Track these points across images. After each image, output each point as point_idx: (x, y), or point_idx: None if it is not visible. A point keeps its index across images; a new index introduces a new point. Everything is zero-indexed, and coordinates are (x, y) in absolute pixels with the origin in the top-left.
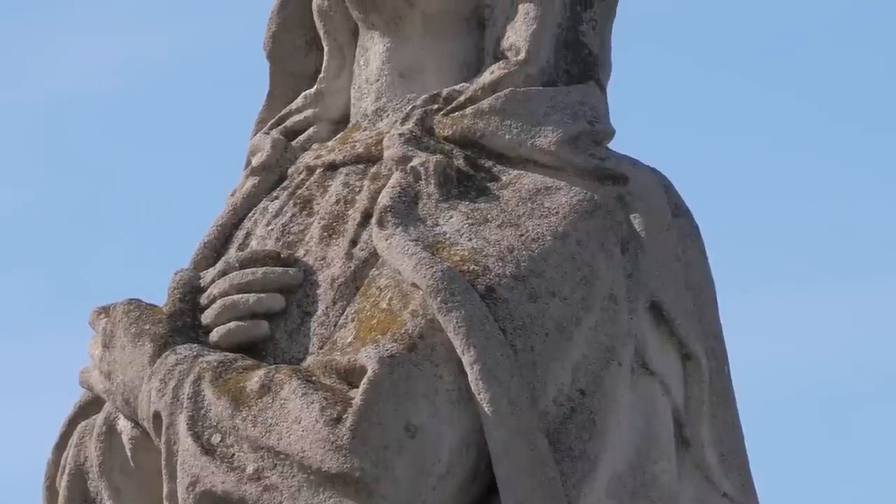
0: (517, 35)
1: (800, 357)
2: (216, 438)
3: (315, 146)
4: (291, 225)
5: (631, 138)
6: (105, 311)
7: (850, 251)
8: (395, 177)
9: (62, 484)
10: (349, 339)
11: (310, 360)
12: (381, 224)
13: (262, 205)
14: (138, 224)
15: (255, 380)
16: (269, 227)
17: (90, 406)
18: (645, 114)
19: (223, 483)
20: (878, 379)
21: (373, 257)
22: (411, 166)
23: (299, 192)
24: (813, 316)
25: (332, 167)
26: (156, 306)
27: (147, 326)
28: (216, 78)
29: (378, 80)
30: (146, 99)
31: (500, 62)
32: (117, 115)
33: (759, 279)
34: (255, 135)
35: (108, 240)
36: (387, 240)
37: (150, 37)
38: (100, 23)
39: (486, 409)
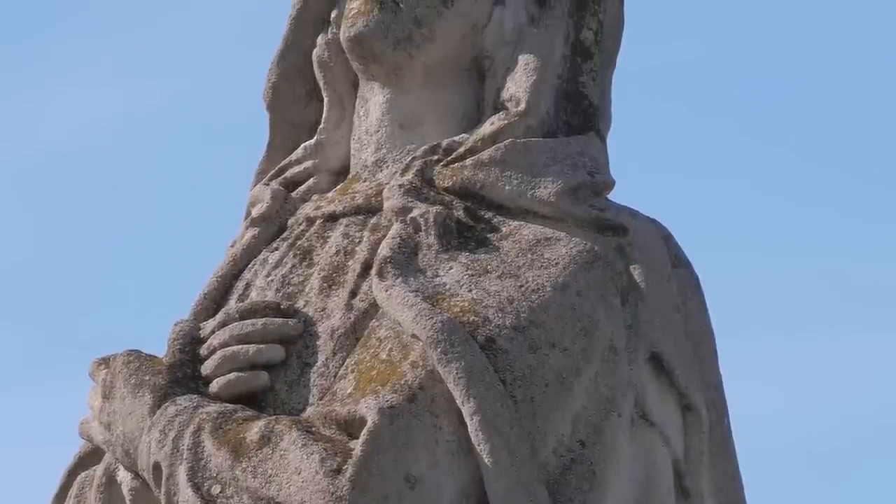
0: (517, 86)
1: (798, 407)
2: (216, 489)
3: (315, 197)
4: (291, 276)
5: (631, 189)
6: (105, 362)
7: (848, 302)
8: (395, 228)
9: None
10: (349, 390)
11: (310, 410)
12: (380, 275)
13: (261, 256)
14: (137, 275)
15: (254, 431)
16: (269, 278)
17: (90, 457)
18: (645, 165)
19: None
20: (876, 429)
21: (373, 308)
22: (411, 217)
23: (299, 243)
24: (811, 366)
25: (332, 218)
26: (155, 357)
27: (147, 377)
28: (208, 129)
29: (378, 131)
30: (138, 151)
31: (500, 113)
32: (110, 167)
33: (759, 329)
34: (255, 186)
35: (107, 291)
36: (387, 291)
37: (141, 89)
38: (90, 75)
39: (486, 461)
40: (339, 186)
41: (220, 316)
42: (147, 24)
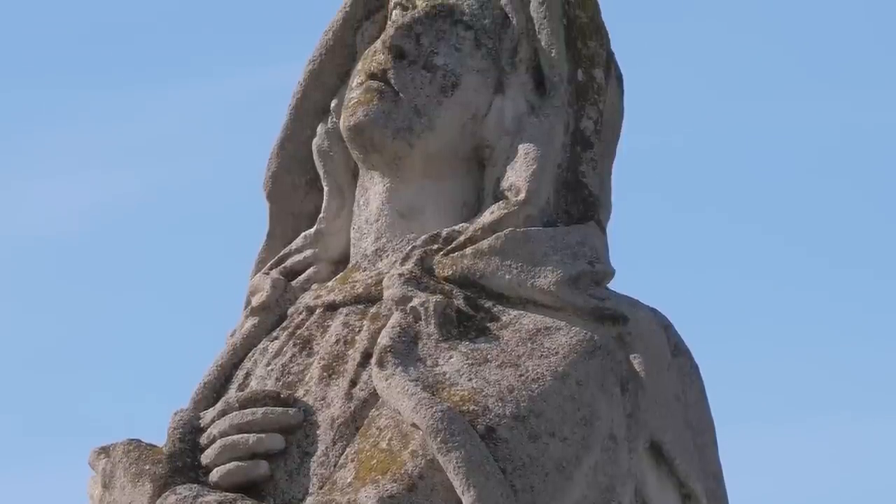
0: (517, 175)
1: (799, 495)
2: None
3: (315, 286)
4: (291, 365)
5: (631, 278)
6: (105, 451)
7: (847, 389)
8: (395, 317)
9: None
10: (349, 480)
11: (310, 500)
12: (380, 364)
13: (261, 345)
14: (132, 364)
15: None
16: (269, 367)
17: None
18: (645, 254)
19: None
20: None
21: (373, 397)
22: (411, 306)
23: (299, 332)
24: (811, 454)
25: (332, 307)
26: (155, 446)
27: (147, 466)
28: (187, 218)
29: (378, 221)
30: (119, 240)
31: (500, 202)
32: (90, 256)
33: (759, 418)
34: (254, 275)
35: (106, 380)
36: (386, 380)
37: (120, 178)
38: (68, 165)
39: None
40: (339, 276)
41: (220, 405)
42: (125, 113)
